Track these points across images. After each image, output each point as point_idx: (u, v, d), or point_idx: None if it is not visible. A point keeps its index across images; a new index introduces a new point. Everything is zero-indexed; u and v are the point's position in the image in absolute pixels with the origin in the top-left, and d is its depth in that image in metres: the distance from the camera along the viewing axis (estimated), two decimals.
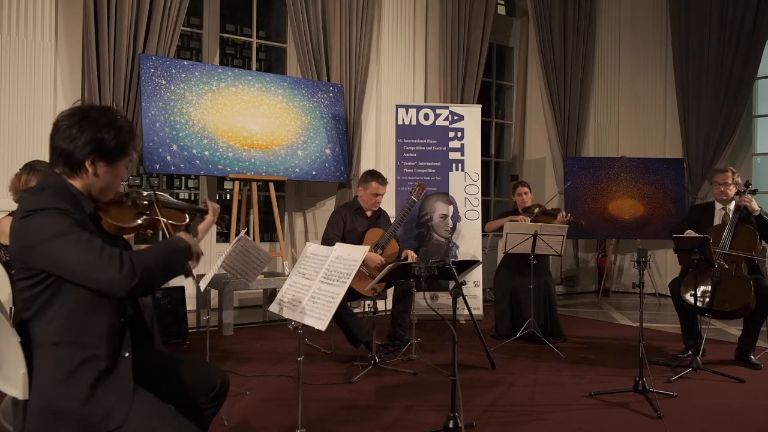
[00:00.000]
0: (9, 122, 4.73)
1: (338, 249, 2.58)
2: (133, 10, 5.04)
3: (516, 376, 4.00)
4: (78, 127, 1.70)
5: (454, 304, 2.93)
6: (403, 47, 6.81)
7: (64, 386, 1.64)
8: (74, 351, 1.66)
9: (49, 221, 1.60)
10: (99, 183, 1.76)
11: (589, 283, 8.32)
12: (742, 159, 7.61)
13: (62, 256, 1.59)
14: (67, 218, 1.61)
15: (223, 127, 5.44)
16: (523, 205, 5.40)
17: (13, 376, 1.71)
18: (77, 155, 1.70)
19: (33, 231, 1.61)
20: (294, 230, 6.51)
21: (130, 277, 1.59)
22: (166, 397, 1.77)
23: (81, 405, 1.63)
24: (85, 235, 1.60)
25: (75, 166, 1.71)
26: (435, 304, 5.86)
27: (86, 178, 1.74)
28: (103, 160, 1.73)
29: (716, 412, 3.35)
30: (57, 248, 1.59)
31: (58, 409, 1.63)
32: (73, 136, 1.70)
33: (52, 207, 1.61)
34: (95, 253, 1.58)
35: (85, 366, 1.65)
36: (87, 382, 1.64)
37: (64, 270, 1.61)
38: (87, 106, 1.78)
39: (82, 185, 1.75)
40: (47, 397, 1.64)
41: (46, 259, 1.61)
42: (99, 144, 1.71)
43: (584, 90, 8.22)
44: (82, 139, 1.70)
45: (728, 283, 4.22)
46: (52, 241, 1.58)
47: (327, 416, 3.20)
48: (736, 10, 7.18)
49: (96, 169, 1.73)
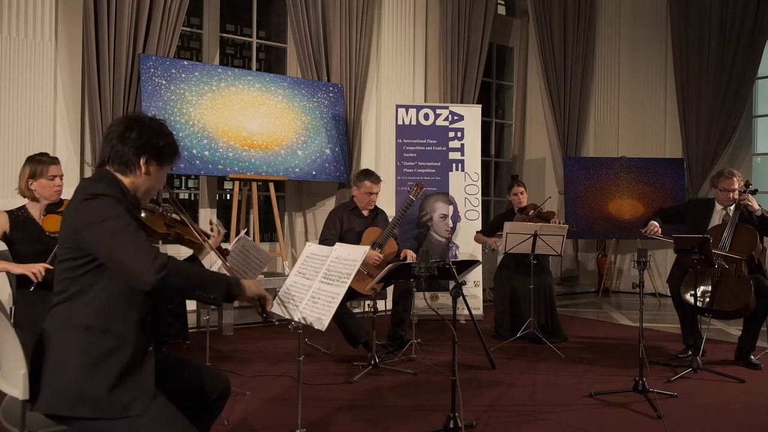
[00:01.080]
0: (9, 122, 4.72)
1: (338, 249, 2.58)
2: (133, 10, 5.04)
3: (516, 376, 4.01)
4: (137, 131, 1.87)
5: (454, 304, 2.93)
6: (403, 47, 6.81)
7: (93, 370, 1.69)
8: (106, 338, 1.73)
9: (108, 205, 1.75)
10: (146, 183, 1.91)
11: (589, 283, 8.32)
12: (742, 159, 7.61)
13: (110, 234, 1.70)
14: (123, 207, 1.78)
15: (223, 127, 5.44)
16: (519, 205, 5.37)
17: (13, 376, 1.72)
18: (132, 155, 1.86)
19: (92, 212, 1.74)
20: (294, 230, 6.51)
21: (159, 270, 1.67)
22: (168, 398, 1.79)
23: (107, 390, 1.68)
24: (133, 225, 1.74)
25: (129, 164, 1.87)
26: (435, 304, 5.86)
27: (137, 176, 1.89)
28: (155, 160, 1.90)
29: (716, 412, 3.36)
30: (107, 228, 1.70)
31: (83, 392, 1.68)
32: (131, 138, 1.86)
33: (111, 194, 1.78)
34: (137, 241, 1.70)
35: (115, 354, 1.73)
36: (116, 369, 1.71)
37: (106, 250, 1.71)
38: (141, 115, 1.96)
39: (131, 183, 1.89)
40: (74, 378, 1.69)
41: (95, 237, 1.72)
42: (154, 147, 1.89)
43: (584, 90, 8.22)
44: (140, 141, 1.87)
45: (728, 283, 4.22)
46: (105, 222, 1.71)
47: (327, 416, 3.20)
48: (736, 10, 7.18)
49: (148, 167, 1.89)
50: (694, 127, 7.55)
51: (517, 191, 5.38)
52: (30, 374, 1.70)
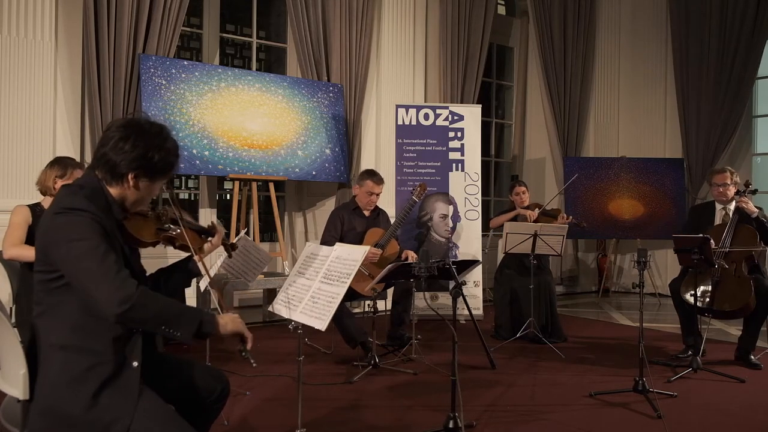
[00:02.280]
0: (9, 122, 4.72)
1: (338, 249, 2.58)
2: (133, 10, 5.03)
3: (516, 376, 4.01)
4: (131, 142, 1.74)
5: (454, 304, 2.93)
6: (403, 47, 6.81)
7: (69, 390, 1.64)
8: (82, 356, 1.67)
9: (80, 223, 1.65)
10: (134, 195, 1.81)
11: (589, 283, 8.32)
12: (742, 159, 7.61)
13: (76, 257, 1.63)
14: (97, 225, 1.67)
15: (223, 127, 5.44)
16: (521, 204, 5.39)
17: (13, 376, 1.72)
18: (122, 168, 1.75)
19: (63, 229, 1.65)
20: (294, 230, 6.51)
21: (121, 302, 1.59)
22: (167, 399, 1.78)
23: (84, 410, 1.63)
24: (103, 247, 1.64)
25: (117, 176, 1.76)
26: (435, 304, 5.86)
27: (125, 188, 1.79)
28: (147, 176, 1.79)
29: (716, 412, 3.36)
30: (74, 250, 1.63)
31: (61, 413, 1.64)
32: (124, 150, 1.74)
33: (86, 209, 1.67)
34: (103, 268, 1.61)
35: (91, 372, 1.66)
36: (92, 388, 1.65)
37: (71, 272, 1.64)
38: (142, 121, 1.80)
39: (118, 194, 1.80)
40: (51, 399, 1.65)
41: (62, 257, 1.64)
42: (147, 162, 1.76)
43: (584, 90, 8.22)
44: (132, 154, 1.74)
45: (728, 283, 4.22)
46: (73, 243, 1.63)
47: (327, 416, 3.20)
48: (736, 11, 7.18)
49: (137, 183, 1.78)
50: (694, 127, 7.55)
51: (519, 191, 5.39)
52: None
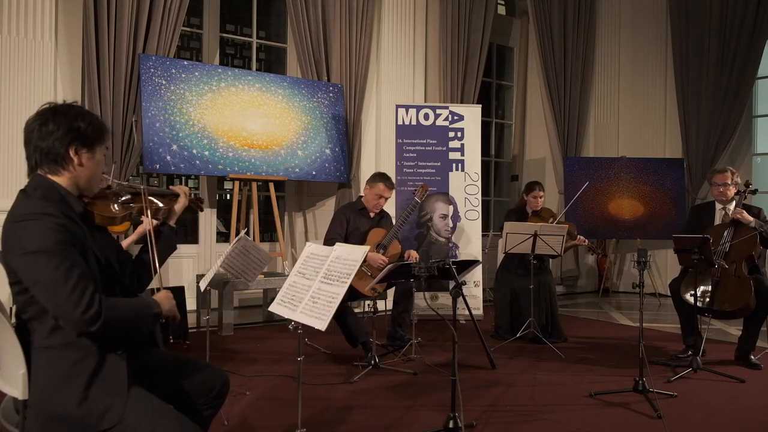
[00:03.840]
0: (9, 122, 4.72)
1: (338, 249, 2.58)
2: (133, 10, 5.04)
3: (516, 376, 4.00)
4: (53, 122, 1.72)
5: (454, 304, 2.93)
6: (403, 47, 6.81)
7: (59, 388, 1.64)
8: (67, 353, 1.66)
9: (40, 231, 1.60)
10: (84, 173, 1.77)
11: (589, 283, 8.33)
12: (742, 159, 7.61)
13: (37, 275, 1.59)
14: (59, 233, 1.61)
15: (223, 127, 5.44)
16: (535, 207, 5.24)
17: (13, 376, 1.71)
18: (59, 147, 1.72)
19: (22, 238, 1.61)
20: (294, 230, 6.51)
21: (91, 322, 1.59)
22: (166, 397, 1.78)
23: (76, 406, 1.63)
24: (67, 263, 1.59)
25: (59, 159, 1.73)
26: (435, 304, 5.86)
27: (71, 170, 1.75)
28: (85, 147, 1.76)
29: (716, 412, 3.35)
30: (36, 265, 1.59)
31: (54, 412, 1.64)
32: (51, 131, 1.71)
33: (44, 213, 1.62)
34: (68, 286, 1.57)
35: (78, 366, 1.66)
36: (81, 382, 1.65)
37: (34, 288, 1.61)
38: (52, 105, 1.78)
39: (68, 181, 1.76)
40: (43, 399, 1.65)
41: (25, 269, 1.61)
42: (77, 132, 1.74)
43: (584, 90, 8.22)
44: (61, 131, 1.72)
45: (728, 283, 4.22)
46: (34, 256, 1.59)
47: (327, 416, 3.20)
48: (736, 11, 7.18)
49: (80, 157, 1.75)
50: (694, 127, 7.55)
51: (537, 195, 5.22)
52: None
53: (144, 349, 1.93)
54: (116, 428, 1.63)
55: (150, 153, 4.97)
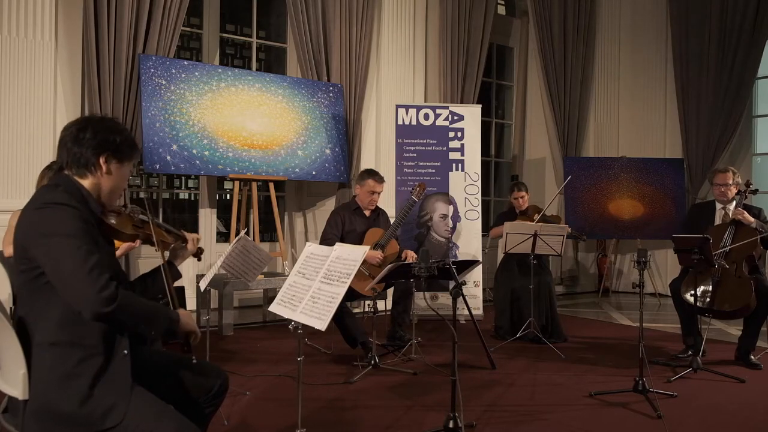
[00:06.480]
0: (9, 122, 4.72)
1: (338, 249, 2.58)
2: (133, 10, 5.03)
3: (516, 376, 4.00)
4: (90, 131, 1.81)
5: (454, 304, 2.93)
6: (403, 47, 6.81)
7: (62, 387, 1.64)
8: (72, 351, 1.67)
9: (63, 217, 1.66)
10: (108, 182, 1.84)
11: (589, 283, 8.32)
12: (742, 159, 7.61)
13: (58, 255, 1.62)
14: (79, 221, 1.67)
15: (223, 127, 5.44)
16: (520, 208, 5.35)
17: (13, 376, 1.71)
18: (90, 155, 1.80)
19: (43, 223, 1.65)
20: (294, 230, 6.51)
21: (107, 302, 1.60)
22: (165, 396, 1.78)
23: (79, 405, 1.63)
24: (86, 246, 1.64)
25: (88, 165, 1.80)
26: (435, 304, 5.86)
27: (98, 176, 1.82)
28: (115, 158, 1.83)
29: (716, 412, 3.35)
30: (57, 246, 1.62)
31: (56, 410, 1.64)
32: (86, 138, 1.80)
33: (67, 204, 1.68)
34: (88, 266, 1.61)
35: (83, 365, 1.67)
36: (85, 381, 1.65)
37: (53, 269, 1.63)
38: (92, 115, 1.90)
39: (92, 185, 1.82)
40: (45, 398, 1.65)
41: (45, 251, 1.64)
42: (111, 144, 1.82)
43: (584, 90, 8.22)
44: (96, 141, 1.80)
45: (728, 283, 4.22)
46: (57, 238, 1.63)
47: (327, 416, 3.20)
48: (736, 11, 7.18)
49: (108, 166, 1.82)
50: (694, 127, 7.55)
51: (517, 195, 5.33)
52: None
53: (144, 349, 1.94)
54: (117, 428, 1.64)
55: (150, 153, 4.96)
